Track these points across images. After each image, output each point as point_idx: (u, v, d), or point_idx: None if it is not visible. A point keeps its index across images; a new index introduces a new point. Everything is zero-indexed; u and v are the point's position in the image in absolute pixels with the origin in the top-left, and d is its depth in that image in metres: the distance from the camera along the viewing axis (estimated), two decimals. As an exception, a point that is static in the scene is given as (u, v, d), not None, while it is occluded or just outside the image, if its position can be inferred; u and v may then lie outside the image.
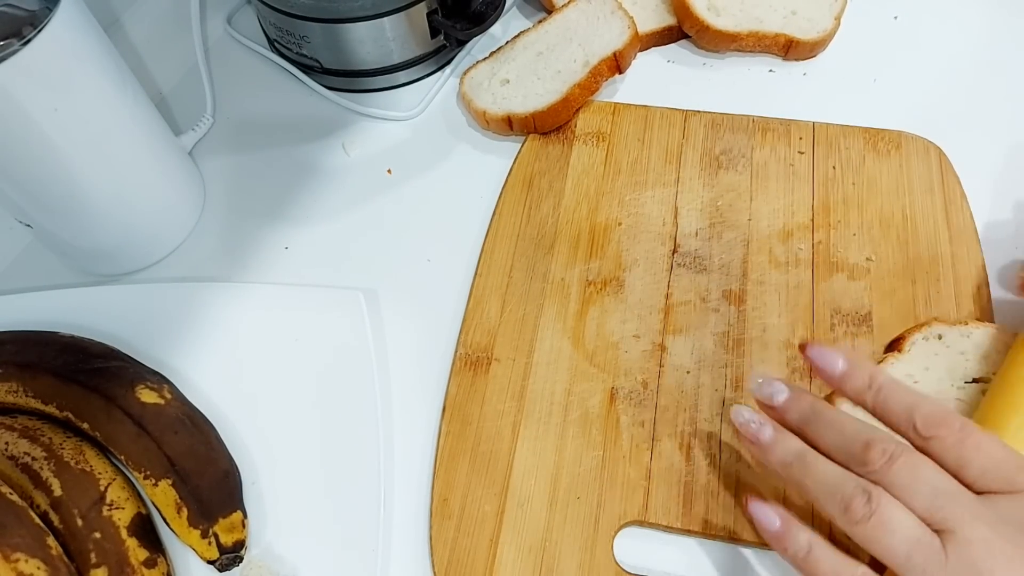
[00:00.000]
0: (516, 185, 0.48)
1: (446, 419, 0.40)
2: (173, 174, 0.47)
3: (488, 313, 0.43)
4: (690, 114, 0.50)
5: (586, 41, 0.50)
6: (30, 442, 0.37)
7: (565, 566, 0.36)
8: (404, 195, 0.49)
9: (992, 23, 0.54)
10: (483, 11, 0.50)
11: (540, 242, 0.45)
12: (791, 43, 0.52)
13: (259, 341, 0.43)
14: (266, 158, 0.51)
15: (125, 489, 0.37)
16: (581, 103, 0.50)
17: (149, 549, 0.36)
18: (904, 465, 0.30)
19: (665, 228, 0.45)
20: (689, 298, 0.43)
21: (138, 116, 0.43)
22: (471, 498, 0.38)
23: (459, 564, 0.36)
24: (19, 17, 0.34)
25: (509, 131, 0.50)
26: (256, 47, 0.56)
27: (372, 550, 0.37)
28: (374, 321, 0.44)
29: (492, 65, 0.52)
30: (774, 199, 0.46)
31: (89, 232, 0.44)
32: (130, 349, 0.42)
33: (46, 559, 0.33)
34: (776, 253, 0.44)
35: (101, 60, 0.39)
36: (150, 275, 0.47)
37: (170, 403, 0.39)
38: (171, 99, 0.54)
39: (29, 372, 0.39)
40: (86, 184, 0.41)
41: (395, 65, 0.53)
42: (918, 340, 0.40)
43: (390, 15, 0.49)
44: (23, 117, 0.36)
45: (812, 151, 0.47)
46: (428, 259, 0.46)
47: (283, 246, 0.48)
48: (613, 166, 0.48)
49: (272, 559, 0.37)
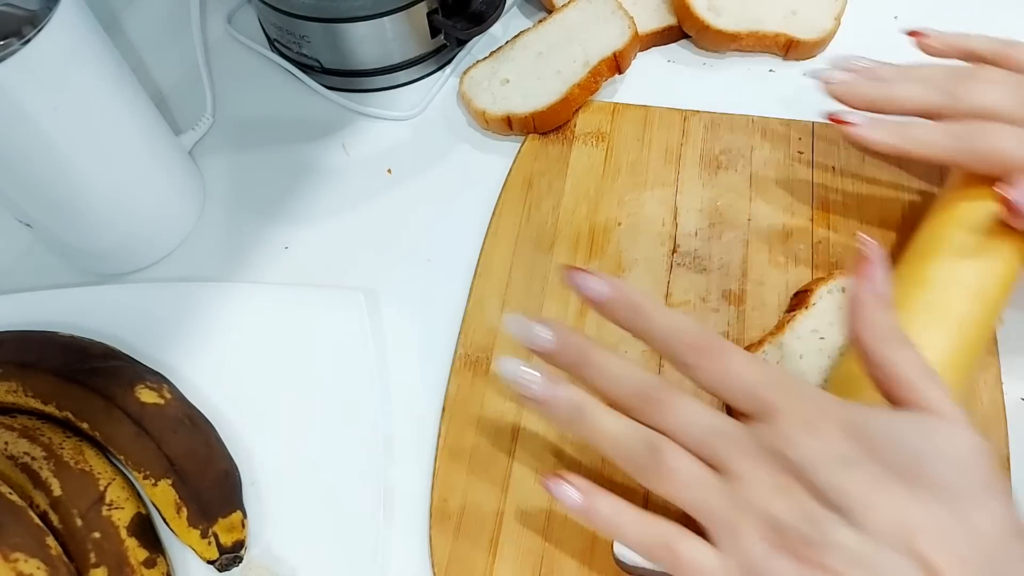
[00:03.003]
0: (516, 185, 0.48)
1: (446, 419, 0.40)
2: (173, 174, 0.47)
3: (488, 313, 0.43)
4: (690, 114, 0.50)
5: (586, 41, 0.50)
6: (30, 442, 0.37)
7: (565, 566, 0.36)
8: (404, 195, 0.49)
9: (992, 23, 0.54)
10: (483, 11, 0.50)
11: (540, 242, 0.45)
12: (791, 43, 0.52)
13: (259, 341, 0.43)
14: (266, 158, 0.51)
15: (125, 489, 0.37)
16: (581, 103, 0.50)
17: (149, 549, 0.36)
18: (675, 409, 0.30)
19: (665, 228, 0.45)
20: (689, 298, 0.43)
21: (138, 116, 0.43)
22: (471, 498, 0.38)
23: (459, 564, 0.36)
24: (19, 17, 0.34)
25: (509, 131, 0.50)
26: (256, 47, 0.56)
27: (372, 550, 0.37)
28: (374, 321, 0.44)
29: (492, 65, 0.52)
30: (774, 199, 0.46)
31: (89, 232, 0.44)
32: (130, 349, 0.42)
33: (45, 559, 0.33)
34: (776, 253, 0.44)
35: (101, 60, 0.39)
36: (150, 275, 0.47)
37: (170, 403, 0.39)
38: (171, 99, 0.54)
39: (29, 372, 0.40)
40: (86, 184, 0.41)
41: (395, 65, 0.53)
42: (823, 294, 0.40)
43: (390, 15, 0.49)
44: (23, 117, 0.36)
45: (812, 151, 0.47)
46: (428, 259, 0.46)
47: (283, 246, 0.48)
48: (613, 166, 0.48)
49: (272, 559, 0.37)
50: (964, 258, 0.36)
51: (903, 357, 0.29)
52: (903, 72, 0.40)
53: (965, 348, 0.35)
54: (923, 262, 0.37)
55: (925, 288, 0.36)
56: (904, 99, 0.39)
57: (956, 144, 0.37)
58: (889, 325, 0.30)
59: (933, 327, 0.35)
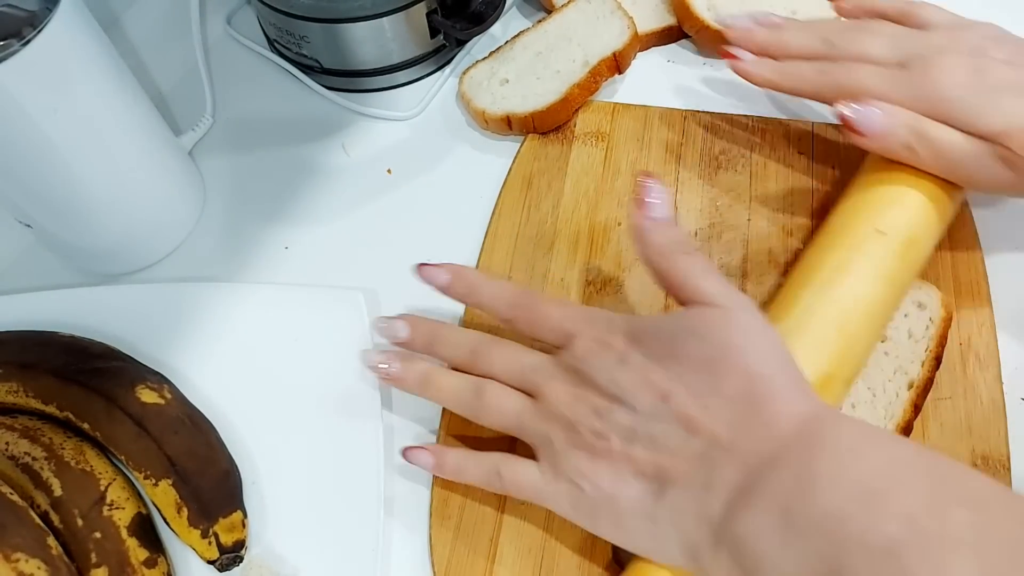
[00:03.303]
0: (515, 185, 0.48)
1: (446, 419, 0.40)
2: (173, 174, 0.47)
3: (488, 313, 0.43)
4: (689, 114, 0.50)
5: (586, 41, 0.50)
6: (30, 442, 0.37)
7: (565, 566, 0.36)
8: (404, 195, 0.49)
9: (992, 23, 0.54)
10: (483, 11, 0.50)
11: (539, 242, 0.45)
12: (791, 43, 0.52)
13: (259, 341, 0.43)
14: (266, 158, 0.51)
15: (125, 489, 0.37)
16: (581, 103, 0.50)
17: (149, 549, 0.36)
18: (496, 354, 0.36)
19: (665, 228, 0.45)
20: (689, 298, 0.43)
21: (138, 116, 0.43)
22: (471, 498, 0.38)
23: (459, 564, 0.36)
24: (19, 17, 0.34)
25: (508, 131, 0.50)
26: (256, 47, 0.56)
27: (372, 550, 0.37)
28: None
29: (492, 65, 0.52)
30: (774, 199, 0.46)
31: (89, 232, 0.44)
32: (130, 349, 0.42)
33: (46, 559, 0.33)
34: (776, 253, 0.44)
35: (101, 60, 0.39)
36: (150, 275, 0.47)
37: (170, 403, 0.39)
38: (171, 99, 0.54)
39: (29, 372, 0.40)
40: (86, 184, 0.41)
41: (395, 65, 0.53)
42: None
43: (390, 15, 0.49)
44: (23, 117, 0.36)
45: (812, 151, 0.47)
46: (428, 259, 0.46)
47: (283, 246, 0.48)
48: (612, 166, 0.48)
49: (272, 559, 0.37)
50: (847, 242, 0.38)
51: (684, 262, 0.34)
52: (799, 24, 0.44)
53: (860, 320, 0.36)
54: (820, 251, 0.39)
55: (818, 271, 0.38)
56: (791, 44, 0.43)
57: (821, 78, 0.41)
58: (669, 239, 0.34)
59: (824, 306, 0.36)
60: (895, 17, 0.42)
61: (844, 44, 0.41)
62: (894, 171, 0.39)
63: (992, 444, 0.37)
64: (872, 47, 0.40)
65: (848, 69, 0.40)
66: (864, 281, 0.37)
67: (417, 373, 0.37)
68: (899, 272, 0.37)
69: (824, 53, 0.42)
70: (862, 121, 0.38)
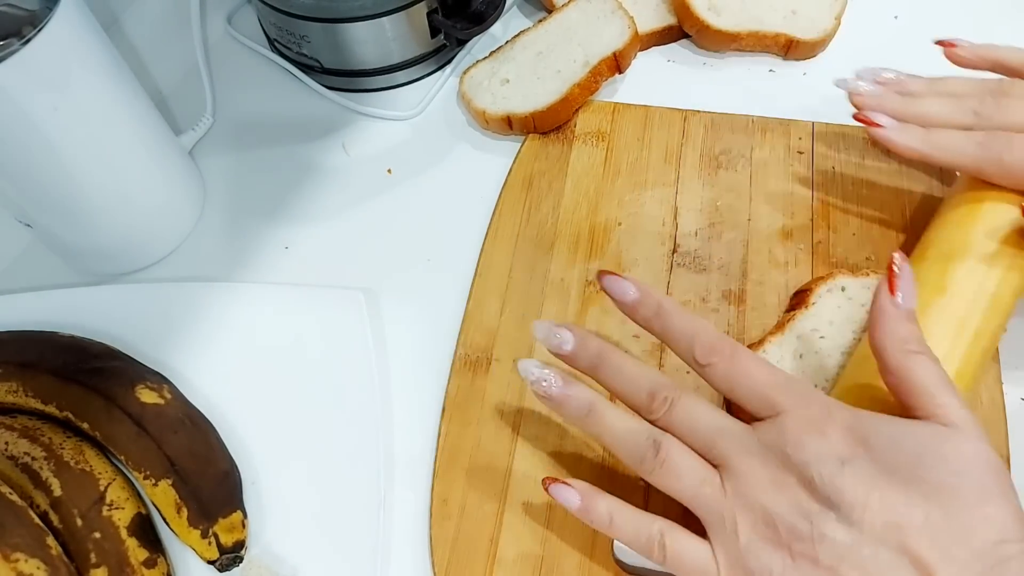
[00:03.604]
0: (516, 185, 0.48)
1: (446, 419, 0.40)
2: (173, 174, 0.47)
3: (488, 313, 0.43)
4: (690, 114, 0.50)
5: (586, 41, 0.50)
6: (30, 442, 0.37)
7: (565, 566, 0.36)
8: (404, 195, 0.49)
9: (992, 23, 0.54)
10: (483, 11, 0.50)
11: (540, 242, 0.45)
12: (791, 43, 0.52)
13: (259, 341, 0.43)
14: (266, 158, 0.51)
15: (125, 489, 0.37)
16: (581, 103, 0.50)
17: (149, 549, 0.36)
18: (682, 409, 0.31)
19: (665, 228, 0.45)
20: (689, 298, 0.43)
21: (138, 116, 0.43)
22: (471, 498, 0.38)
23: (459, 564, 0.36)
24: (19, 17, 0.34)
25: (509, 131, 0.50)
26: (256, 47, 0.56)
27: (372, 550, 0.37)
28: (374, 321, 0.44)
29: (492, 65, 0.52)
30: (774, 199, 0.46)
31: (89, 232, 0.44)
32: (130, 349, 0.42)
33: (46, 559, 0.33)
34: (776, 253, 0.44)
35: (101, 60, 0.39)
36: (150, 275, 0.47)
37: (170, 403, 0.39)
38: (171, 99, 0.54)
39: (29, 372, 0.40)
40: (86, 184, 0.41)
41: (395, 65, 0.53)
42: (822, 293, 0.40)
43: (390, 15, 0.49)
44: (23, 117, 0.36)
45: (812, 151, 0.47)
46: (428, 259, 0.46)
47: (283, 246, 0.48)
48: (613, 166, 0.48)
49: (272, 559, 0.37)
50: (982, 266, 0.36)
51: (921, 366, 0.30)
52: (931, 86, 0.40)
53: (977, 357, 0.35)
54: (939, 267, 0.37)
55: (943, 295, 0.36)
56: (932, 116, 0.39)
57: (983, 154, 0.37)
58: (910, 335, 0.31)
59: (948, 335, 0.35)
60: (1019, 71, 0.39)
61: (989, 112, 0.38)
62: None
63: (992, 444, 0.37)
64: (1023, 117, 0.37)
65: (1010, 145, 0.37)
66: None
67: (581, 402, 0.33)
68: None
69: (969, 127, 0.38)
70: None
